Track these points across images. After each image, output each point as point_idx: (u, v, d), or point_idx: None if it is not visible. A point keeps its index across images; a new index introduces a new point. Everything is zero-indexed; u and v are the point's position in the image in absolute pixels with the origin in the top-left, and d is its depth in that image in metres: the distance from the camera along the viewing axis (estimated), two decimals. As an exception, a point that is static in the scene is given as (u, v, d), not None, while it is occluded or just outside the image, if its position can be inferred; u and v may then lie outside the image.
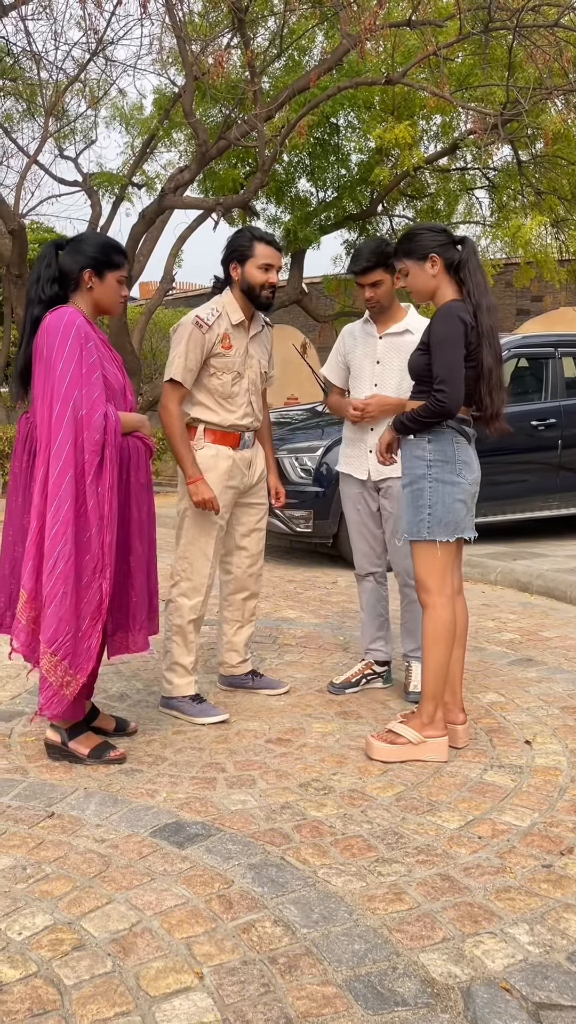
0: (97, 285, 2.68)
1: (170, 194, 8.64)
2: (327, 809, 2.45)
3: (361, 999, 1.67)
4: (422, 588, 2.80)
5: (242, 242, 3.10)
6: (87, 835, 2.27)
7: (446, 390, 2.64)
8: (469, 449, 2.79)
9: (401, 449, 2.86)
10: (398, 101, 9.67)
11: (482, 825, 2.37)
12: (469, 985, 1.72)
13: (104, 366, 2.60)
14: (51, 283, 2.64)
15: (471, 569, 5.69)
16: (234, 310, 3.13)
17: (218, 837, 2.28)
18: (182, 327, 3.08)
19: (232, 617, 3.41)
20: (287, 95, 7.87)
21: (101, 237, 2.76)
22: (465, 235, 2.84)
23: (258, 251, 3.09)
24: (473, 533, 2.85)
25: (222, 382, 3.12)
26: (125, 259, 2.75)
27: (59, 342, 2.52)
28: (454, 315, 2.67)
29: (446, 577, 2.79)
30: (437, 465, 2.74)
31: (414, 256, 2.77)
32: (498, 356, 2.75)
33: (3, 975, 1.72)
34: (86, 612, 2.54)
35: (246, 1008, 1.64)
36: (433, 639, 2.77)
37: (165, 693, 3.19)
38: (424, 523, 2.76)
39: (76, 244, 2.68)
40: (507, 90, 7.72)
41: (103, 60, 9.60)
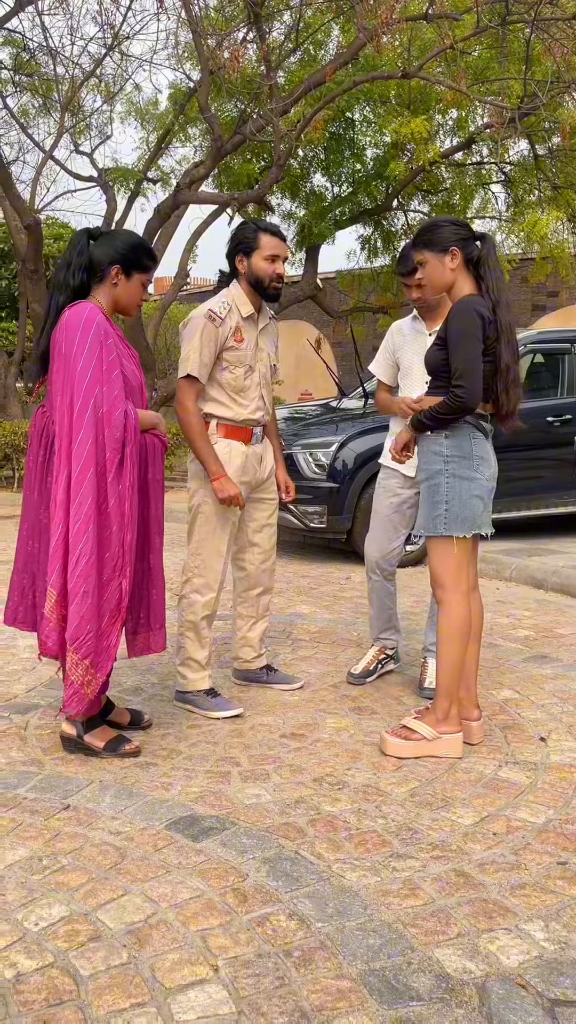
0: (122, 283, 2.68)
1: (185, 189, 8.65)
2: (341, 804, 2.45)
3: (376, 993, 1.67)
4: (437, 584, 2.80)
5: (247, 234, 3.08)
6: (102, 827, 2.28)
7: (465, 385, 2.63)
8: (486, 444, 2.78)
9: (418, 445, 2.85)
10: (414, 95, 9.61)
11: (497, 821, 2.37)
12: (484, 981, 1.72)
13: (123, 363, 2.61)
14: (80, 271, 2.64)
15: (486, 566, 5.67)
16: (243, 303, 3.11)
17: (233, 831, 2.28)
18: (194, 321, 3.06)
19: (246, 613, 3.41)
20: (303, 89, 7.85)
21: (136, 237, 2.75)
22: (485, 232, 2.83)
23: (263, 242, 3.07)
24: (490, 529, 2.84)
25: (235, 376, 3.10)
26: (155, 264, 2.76)
27: (79, 339, 2.52)
28: (471, 310, 2.65)
29: (462, 573, 2.78)
30: (455, 461, 2.73)
31: (434, 248, 2.75)
32: (515, 353, 2.74)
33: (20, 965, 1.73)
34: (106, 610, 2.56)
35: (261, 1001, 1.64)
36: (448, 635, 2.76)
37: (179, 688, 3.20)
38: (441, 519, 2.75)
39: (110, 238, 2.69)
40: (524, 84, 7.66)
41: (119, 55, 9.62)
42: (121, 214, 10.10)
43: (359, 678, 3.46)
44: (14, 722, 3.02)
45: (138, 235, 2.79)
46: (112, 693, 3.33)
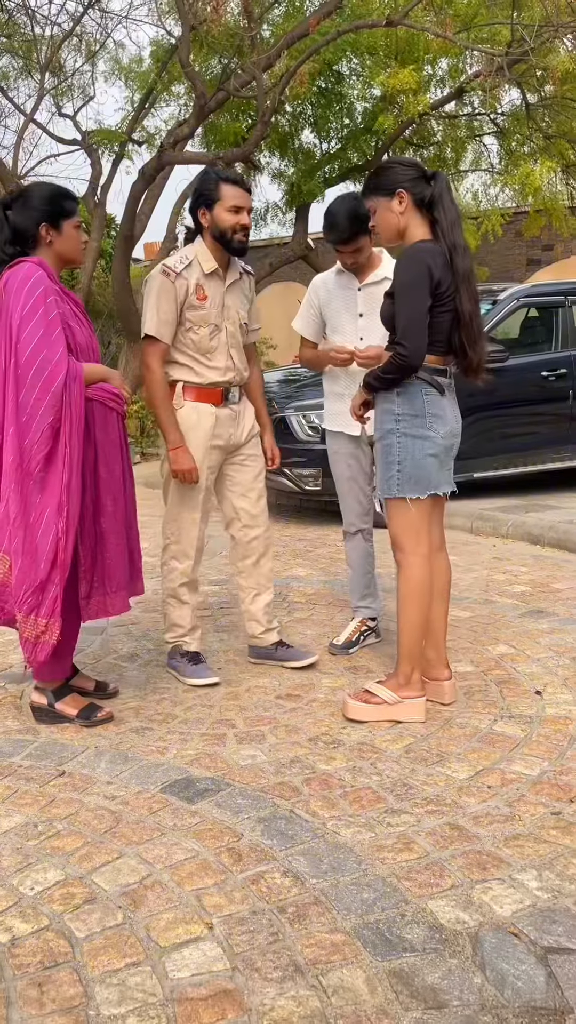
0: (56, 238, 2.60)
1: (169, 150, 8.48)
2: (336, 762, 2.46)
3: (370, 946, 1.68)
4: (396, 546, 2.72)
5: (208, 186, 2.93)
6: (98, 792, 2.29)
7: (407, 344, 2.52)
8: (441, 401, 2.65)
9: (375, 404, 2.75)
10: (402, 46, 9.38)
11: (492, 775, 2.37)
12: (477, 930, 1.73)
13: (68, 324, 2.54)
14: (7, 244, 2.56)
15: (483, 523, 5.65)
16: (206, 258, 2.96)
17: (228, 792, 2.29)
18: (150, 280, 2.94)
19: (246, 584, 3.25)
20: (286, 41, 7.66)
21: (48, 187, 2.66)
22: (437, 170, 2.66)
23: (225, 193, 2.91)
24: (449, 488, 2.74)
25: (199, 336, 2.97)
26: (77, 203, 2.67)
27: (21, 299, 2.45)
28: (417, 258, 2.52)
29: (421, 535, 2.69)
30: (406, 419, 2.63)
31: (380, 192, 2.61)
32: (476, 301, 2.60)
33: (15, 929, 1.74)
34: (45, 557, 2.49)
35: (255, 956, 1.65)
36: (407, 598, 2.70)
37: (168, 654, 3.21)
38: (394, 480, 2.66)
39: (24, 200, 2.59)
40: (512, 29, 7.48)
41: (98, 12, 9.38)
42: (106, 177, 9.93)
43: (342, 649, 3.39)
44: (9, 691, 3.02)
45: (49, 184, 2.68)
46: (108, 660, 3.34)
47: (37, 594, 2.51)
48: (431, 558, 2.73)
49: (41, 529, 2.49)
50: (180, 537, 3.09)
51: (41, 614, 2.52)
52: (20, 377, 2.45)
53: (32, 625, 2.53)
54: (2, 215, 2.59)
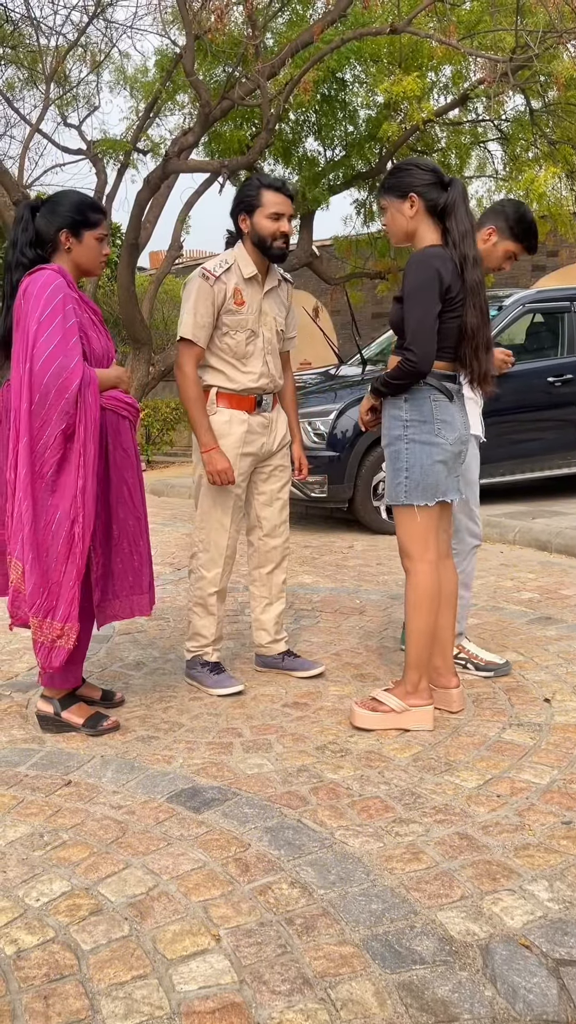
0: (75, 246, 2.60)
1: (174, 158, 8.50)
2: (344, 771, 2.44)
3: (379, 958, 1.66)
4: (403, 553, 2.70)
5: (249, 191, 2.93)
6: (104, 802, 2.28)
7: (415, 350, 2.50)
8: (450, 407, 2.63)
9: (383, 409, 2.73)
10: (405, 53, 9.40)
11: (501, 783, 2.35)
12: (488, 942, 1.71)
13: (85, 330, 2.54)
14: (29, 247, 2.57)
15: (490, 529, 5.63)
16: (246, 263, 2.97)
17: (235, 801, 2.27)
18: (189, 282, 2.95)
19: (259, 593, 3.24)
20: (290, 50, 7.68)
21: (76, 195, 2.66)
22: (454, 177, 2.64)
23: (266, 199, 2.91)
24: (457, 495, 2.72)
25: (236, 341, 2.97)
26: (103, 216, 2.66)
27: (40, 306, 2.45)
28: (426, 263, 2.50)
29: (428, 542, 2.67)
30: (414, 425, 2.61)
31: (393, 193, 2.60)
32: (484, 315, 2.58)
33: (21, 941, 1.72)
34: (57, 559, 2.49)
35: (263, 969, 1.64)
36: (415, 606, 2.68)
37: (188, 663, 3.16)
38: (402, 487, 2.64)
39: (51, 205, 2.60)
40: (516, 35, 7.48)
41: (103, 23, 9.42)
42: (111, 186, 9.96)
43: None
44: (15, 700, 3.01)
45: (78, 192, 2.68)
46: (114, 668, 3.32)
47: (52, 597, 2.50)
48: (438, 565, 2.71)
49: (53, 532, 2.48)
50: (209, 545, 3.06)
51: (57, 617, 2.51)
52: (35, 383, 2.45)
53: (48, 629, 2.51)
54: (28, 216, 2.59)
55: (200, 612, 3.11)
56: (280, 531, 3.20)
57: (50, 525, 2.49)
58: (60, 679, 2.71)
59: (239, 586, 4.52)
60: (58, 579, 2.50)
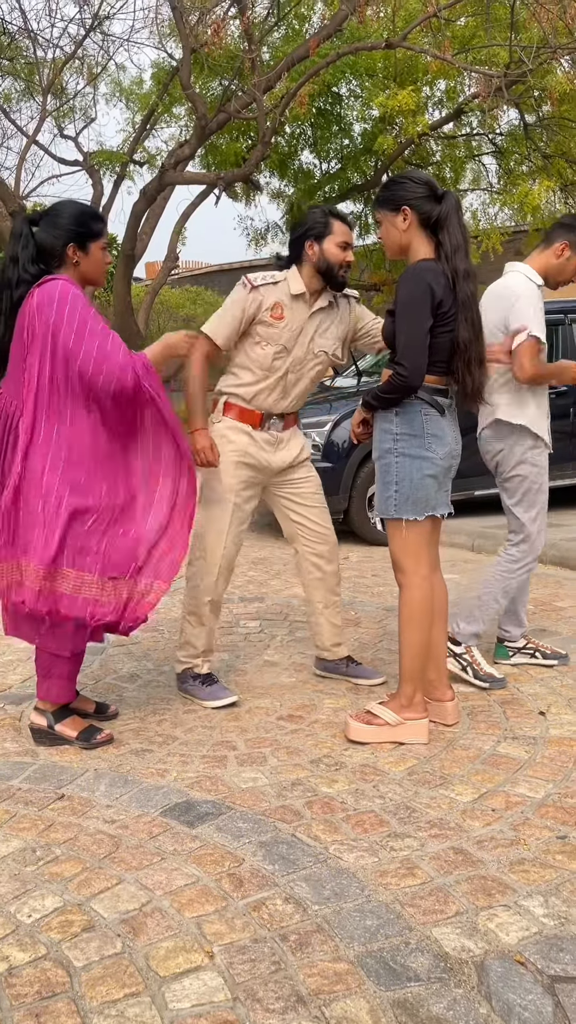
0: (82, 258, 2.59)
1: (170, 170, 8.54)
2: (339, 785, 2.43)
3: (373, 975, 1.65)
4: (396, 567, 2.70)
5: (318, 219, 2.96)
6: (97, 816, 2.26)
7: (406, 364, 2.50)
8: (441, 421, 2.62)
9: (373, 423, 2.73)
10: (400, 67, 9.48)
11: (496, 797, 2.34)
12: (483, 959, 1.70)
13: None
14: (32, 262, 2.54)
15: (485, 541, 5.64)
16: (296, 281, 2.97)
17: (229, 815, 2.26)
18: (235, 289, 3.00)
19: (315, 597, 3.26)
20: (286, 63, 7.73)
21: (75, 206, 2.64)
22: (448, 190, 2.63)
23: (336, 229, 2.95)
24: (447, 510, 2.72)
25: (265, 353, 2.97)
26: (104, 224, 2.65)
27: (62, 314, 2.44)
28: (418, 277, 2.50)
29: (421, 556, 2.67)
30: (404, 439, 2.60)
31: (387, 206, 2.61)
32: (477, 329, 2.58)
33: (13, 958, 1.71)
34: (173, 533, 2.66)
35: (257, 986, 1.62)
36: (408, 620, 2.67)
37: (178, 673, 3.15)
38: (391, 500, 2.64)
39: (52, 218, 2.57)
40: (510, 50, 7.54)
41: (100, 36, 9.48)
42: (108, 198, 10.00)
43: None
44: (8, 712, 3.00)
45: (76, 202, 2.66)
46: (108, 680, 3.31)
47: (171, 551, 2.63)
48: (431, 579, 2.71)
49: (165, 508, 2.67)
50: (206, 552, 3.05)
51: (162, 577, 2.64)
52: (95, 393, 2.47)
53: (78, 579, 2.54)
54: (28, 231, 2.55)
55: (193, 621, 3.10)
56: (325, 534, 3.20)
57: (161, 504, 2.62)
58: (57, 691, 2.69)
59: (233, 598, 4.51)
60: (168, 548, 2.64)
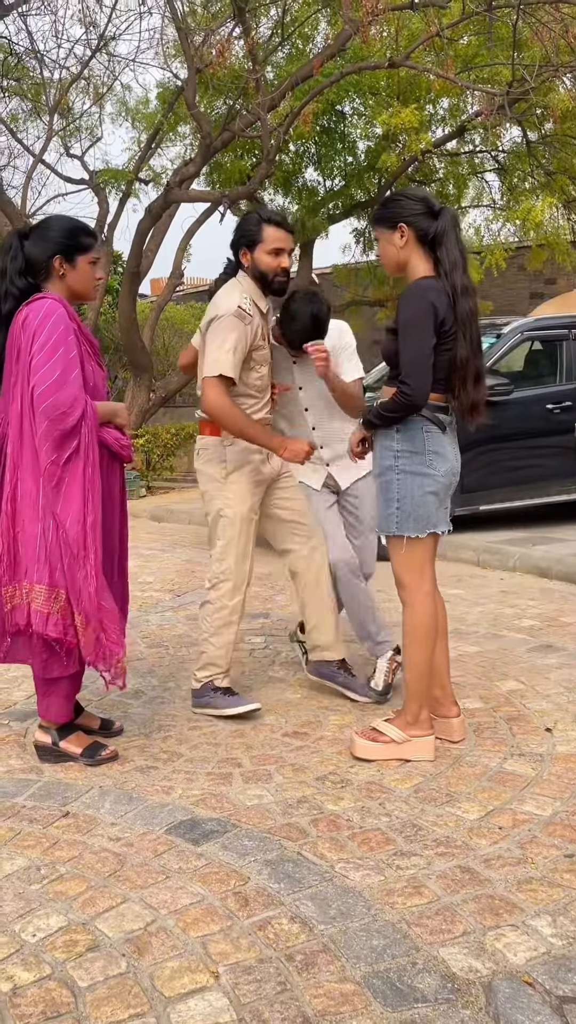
0: (69, 271, 2.59)
1: (175, 188, 8.61)
2: (344, 802, 2.41)
3: (380, 996, 1.64)
4: (399, 584, 2.69)
5: (250, 226, 2.93)
6: (102, 834, 2.25)
7: (411, 383, 2.49)
8: (442, 438, 2.61)
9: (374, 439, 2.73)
10: (403, 86, 9.55)
11: (502, 815, 2.33)
12: (491, 980, 1.68)
13: (83, 363, 2.54)
14: (20, 275, 2.55)
15: (490, 556, 5.63)
16: (259, 298, 2.97)
17: (234, 833, 2.25)
18: (225, 320, 2.87)
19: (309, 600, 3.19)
20: (290, 83, 7.80)
21: (67, 220, 2.65)
22: (445, 206, 2.63)
23: (267, 235, 2.92)
24: (446, 527, 2.70)
25: (260, 375, 2.99)
26: (94, 240, 2.66)
27: (41, 337, 2.44)
28: (421, 296, 2.50)
29: (424, 573, 2.66)
30: (405, 456, 2.60)
31: (384, 224, 2.60)
32: (475, 345, 2.57)
33: (17, 978, 1.70)
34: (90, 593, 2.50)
35: (262, 1007, 1.61)
36: (412, 637, 2.66)
37: (195, 691, 3.11)
38: (393, 517, 2.63)
39: (42, 231, 2.59)
40: (513, 69, 7.60)
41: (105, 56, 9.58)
42: (113, 216, 10.07)
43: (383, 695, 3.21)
44: (13, 729, 2.99)
45: (68, 217, 2.67)
46: (112, 696, 3.30)
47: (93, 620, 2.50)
48: (433, 595, 2.70)
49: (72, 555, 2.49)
50: (233, 574, 3.03)
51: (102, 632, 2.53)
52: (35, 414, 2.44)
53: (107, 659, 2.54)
54: (17, 244, 2.58)
55: (216, 642, 3.07)
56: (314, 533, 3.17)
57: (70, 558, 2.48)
58: (56, 710, 2.69)
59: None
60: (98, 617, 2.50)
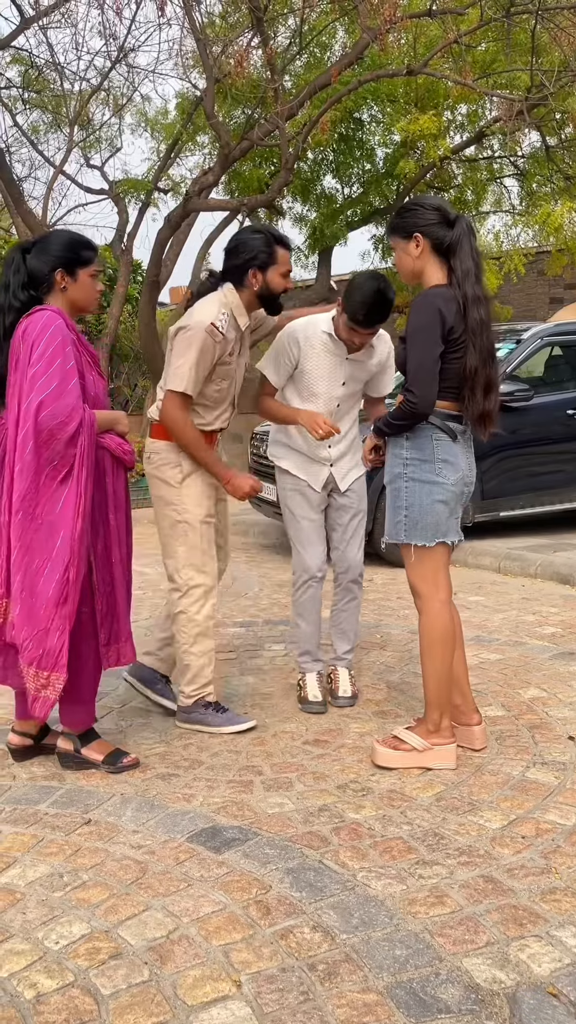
0: (70, 284, 2.62)
1: (195, 197, 8.65)
2: (366, 811, 2.41)
3: (403, 1006, 1.63)
4: (414, 593, 2.69)
5: (263, 247, 2.91)
6: (124, 841, 2.26)
7: (415, 391, 2.49)
8: (453, 447, 2.60)
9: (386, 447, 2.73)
10: (422, 92, 9.56)
11: (525, 824, 2.31)
12: (515, 991, 1.67)
13: (82, 374, 2.55)
14: (22, 288, 2.58)
15: (511, 562, 5.59)
16: (241, 313, 2.96)
17: (255, 841, 2.25)
18: (192, 332, 2.84)
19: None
20: (308, 91, 7.83)
21: (68, 234, 2.69)
22: (460, 214, 2.60)
23: (280, 258, 2.93)
24: (456, 537, 2.67)
25: (219, 388, 2.98)
26: (95, 253, 2.69)
27: (38, 347, 2.46)
28: (428, 304, 2.50)
29: (439, 581, 2.64)
30: (414, 464, 2.59)
31: (399, 233, 2.61)
32: (486, 356, 2.54)
33: (41, 985, 1.70)
34: (47, 604, 2.46)
35: (285, 1017, 1.61)
36: (429, 646, 2.65)
37: (184, 707, 3.06)
38: (401, 525, 2.62)
39: (43, 245, 2.62)
40: (532, 74, 7.59)
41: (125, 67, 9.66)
42: (133, 225, 10.14)
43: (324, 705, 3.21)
44: (36, 736, 3.00)
45: (70, 231, 2.71)
46: (134, 703, 3.31)
47: (38, 646, 2.47)
48: (449, 603, 2.69)
49: (45, 575, 2.47)
50: (203, 578, 3.00)
51: (44, 666, 2.47)
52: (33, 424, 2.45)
53: (33, 677, 2.49)
54: (20, 258, 2.61)
55: (196, 652, 3.02)
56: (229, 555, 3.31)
57: (42, 569, 2.47)
58: (77, 719, 2.69)
59: (258, 621, 4.51)
60: (46, 626, 2.46)
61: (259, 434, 6.64)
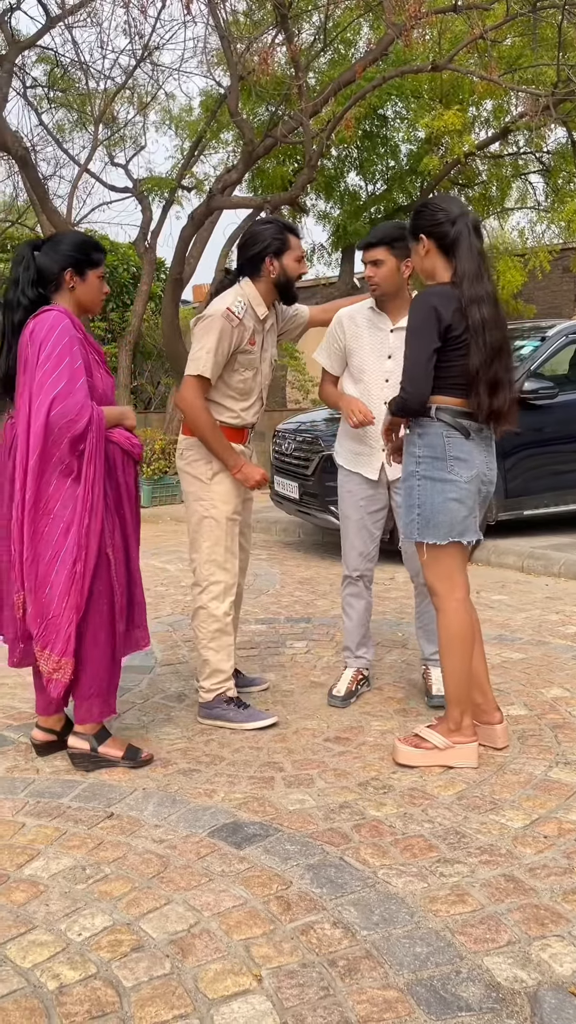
0: (79, 284, 2.66)
1: (218, 195, 8.67)
2: (387, 808, 2.41)
3: (424, 1004, 1.63)
4: (431, 592, 2.68)
5: (276, 234, 2.98)
6: (145, 836, 2.27)
7: (407, 387, 2.51)
8: (466, 444, 2.57)
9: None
10: (446, 88, 9.52)
11: (548, 824, 2.30)
12: (536, 990, 1.66)
13: (91, 370, 2.59)
14: (31, 285, 2.62)
15: (534, 561, 5.56)
16: (259, 303, 3.01)
17: (276, 837, 2.25)
18: (210, 319, 2.91)
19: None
20: (332, 88, 7.81)
21: (78, 235, 2.73)
22: (464, 213, 2.56)
23: (292, 243, 3.00)
24: (475, 536, 2.64)
25: (243, 379, 3.02)
26: (104, 255, 2.73)
27: (47, 348, 2.49)
28: (423, 303, 2.51)
29: (456, 580, 2.63)
30: (426, 461, 2.58)
31: (411, 235, 2.65)
32: (491, 354, 2.49)
33: (63, 976, 1.72)
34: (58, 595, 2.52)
35: (305, 1012, 1.61)
36: (448, 645, 2.64)
37: (205, 703, 3.08)
38: (414, 523, 2.61)
39: (54, 244, 2.66)
40: (558, 69, 7.52)
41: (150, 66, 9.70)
42: (156, 223, 10.18)
43: (344, 701, 3.22)
44: (59, 730, 3.03)
45: (81, 232, 2.74)
46: (156, 699, 3.33)
47: (51, 631, 2.55)
48: (467, 602, 2.68)
49: (56, 568, 2.53)
50: (223, 575, 3.04)
51: (56, 651, 2.56)
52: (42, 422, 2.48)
53: (46, 660, 2.58)
54: (30, 255, 2.65)
55: (215, 647, 3.05)
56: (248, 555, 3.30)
57: (53, 561, 2.53)
58: (97, 711, 2.71)
59: (279, 618, 4.51)
60: (56, 616, 2.54)
61: (281, 432, 6.65)
